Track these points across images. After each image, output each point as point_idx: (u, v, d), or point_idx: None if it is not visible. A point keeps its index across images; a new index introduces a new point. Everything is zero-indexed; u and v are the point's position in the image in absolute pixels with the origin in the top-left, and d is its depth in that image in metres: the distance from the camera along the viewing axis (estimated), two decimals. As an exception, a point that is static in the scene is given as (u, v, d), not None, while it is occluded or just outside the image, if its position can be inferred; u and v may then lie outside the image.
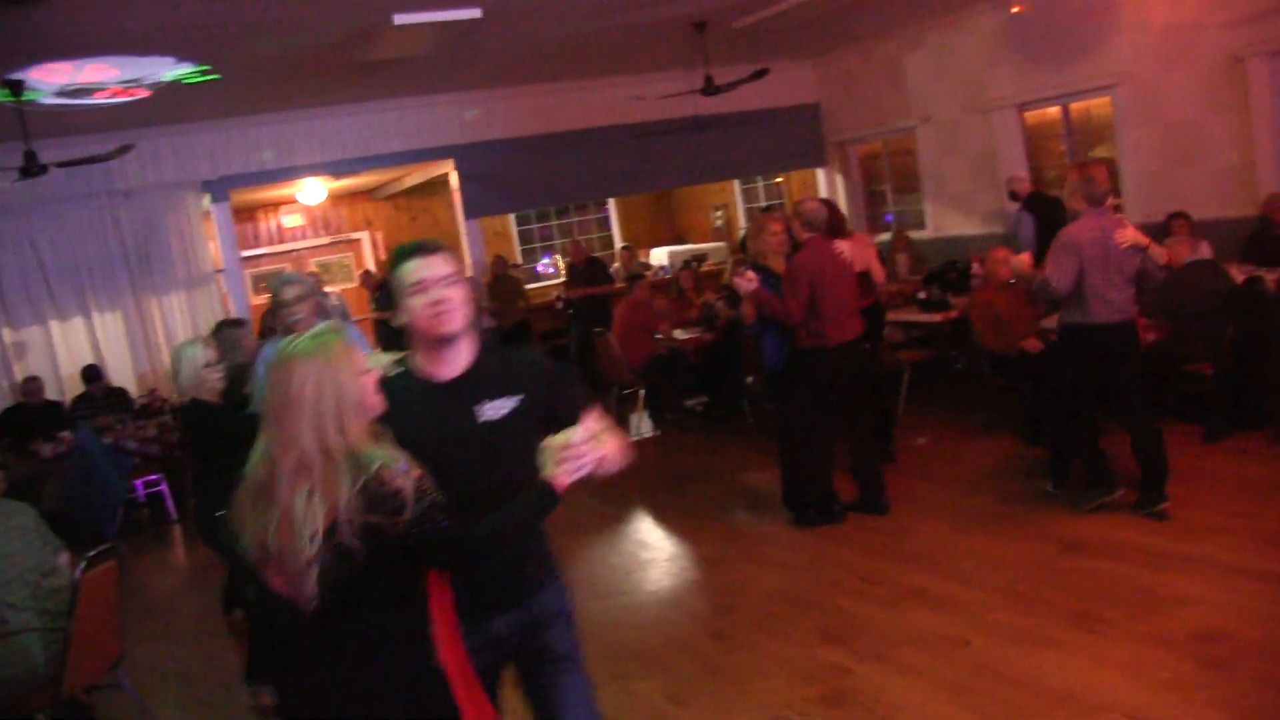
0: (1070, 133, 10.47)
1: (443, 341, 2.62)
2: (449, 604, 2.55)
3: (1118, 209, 9.56)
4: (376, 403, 2.37)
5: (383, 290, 11.77)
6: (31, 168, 7.85)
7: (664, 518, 7.14)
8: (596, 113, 11.86)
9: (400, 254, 2.63)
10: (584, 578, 6.11)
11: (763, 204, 15.29)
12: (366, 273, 12.62)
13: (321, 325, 2.54)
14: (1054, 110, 10.54)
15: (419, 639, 2.41)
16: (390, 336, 11.72)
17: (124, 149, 8.33)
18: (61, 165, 8.13)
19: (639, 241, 15.15)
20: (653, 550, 6.56)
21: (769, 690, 4.41)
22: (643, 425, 9.48)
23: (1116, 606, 4.62)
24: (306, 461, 2.24)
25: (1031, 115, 10.75)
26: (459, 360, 2.67)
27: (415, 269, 2.57)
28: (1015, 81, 10.53)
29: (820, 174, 13.71)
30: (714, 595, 5.66)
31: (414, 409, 2.55)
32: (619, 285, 11.62)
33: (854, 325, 6.30)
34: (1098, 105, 10.12)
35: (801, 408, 6.34)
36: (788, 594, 5.44)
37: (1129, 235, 5.51)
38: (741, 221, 14.21)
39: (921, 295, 8.78)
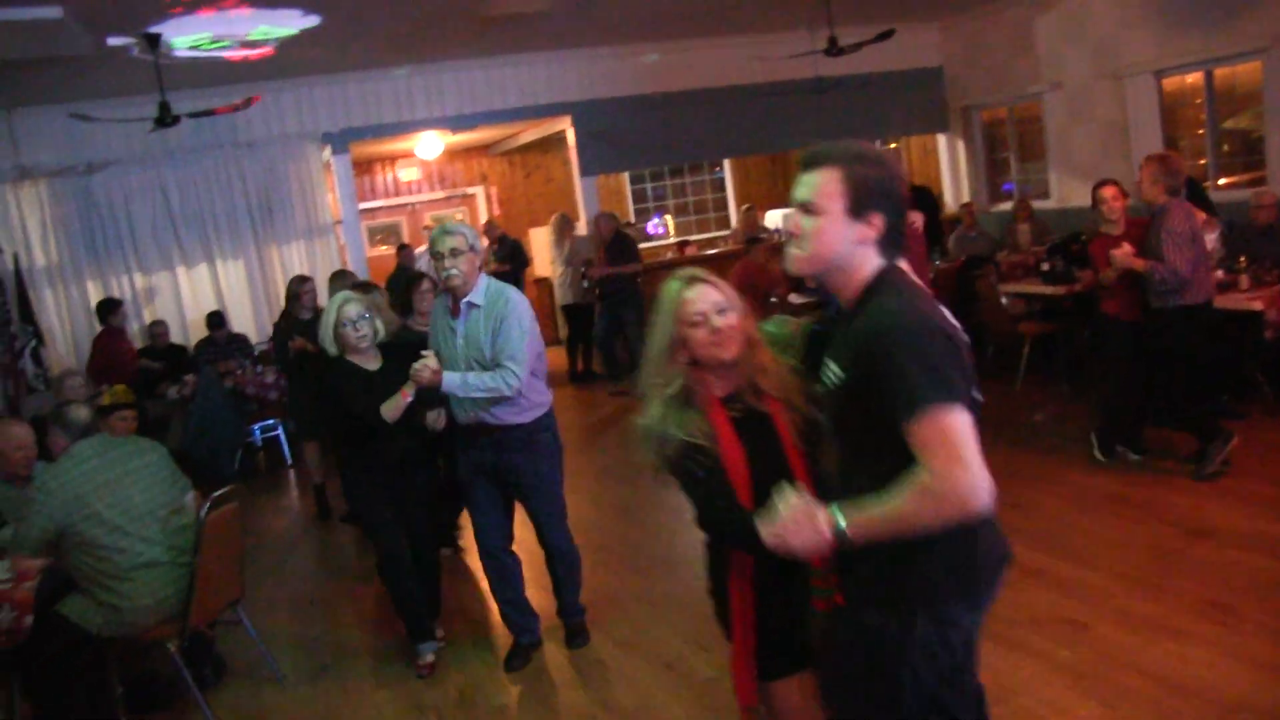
0: (1212, 100, 10.03)
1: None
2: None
3: (1262, 181, 9.21)
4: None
5: (503, 243, 11.85)
6: (165, 118, 8.06)
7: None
8: (716, 72, 11.73)
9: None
10: (696, 538, 6.06)
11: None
12: (490, 223, 12.61)
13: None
14: (1193, 77, 10.10)
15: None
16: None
17: (250, 100, 8.49)
18: (192, 116, 8.34)
19: (754, 202, 15.00)
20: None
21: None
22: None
23: (1249, 598, 4.43)
24: None
25: (1169, 82, 10.31)
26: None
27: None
28: (1154, 46, 10.10)
29: (941, 140, 13.43)
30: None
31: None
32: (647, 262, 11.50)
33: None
34: (1244, 71, 9.67)
35: None
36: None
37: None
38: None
39: (1045, 267, 8.53)
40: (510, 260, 11.63)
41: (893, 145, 14.87)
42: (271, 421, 9.33)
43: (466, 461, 4.67)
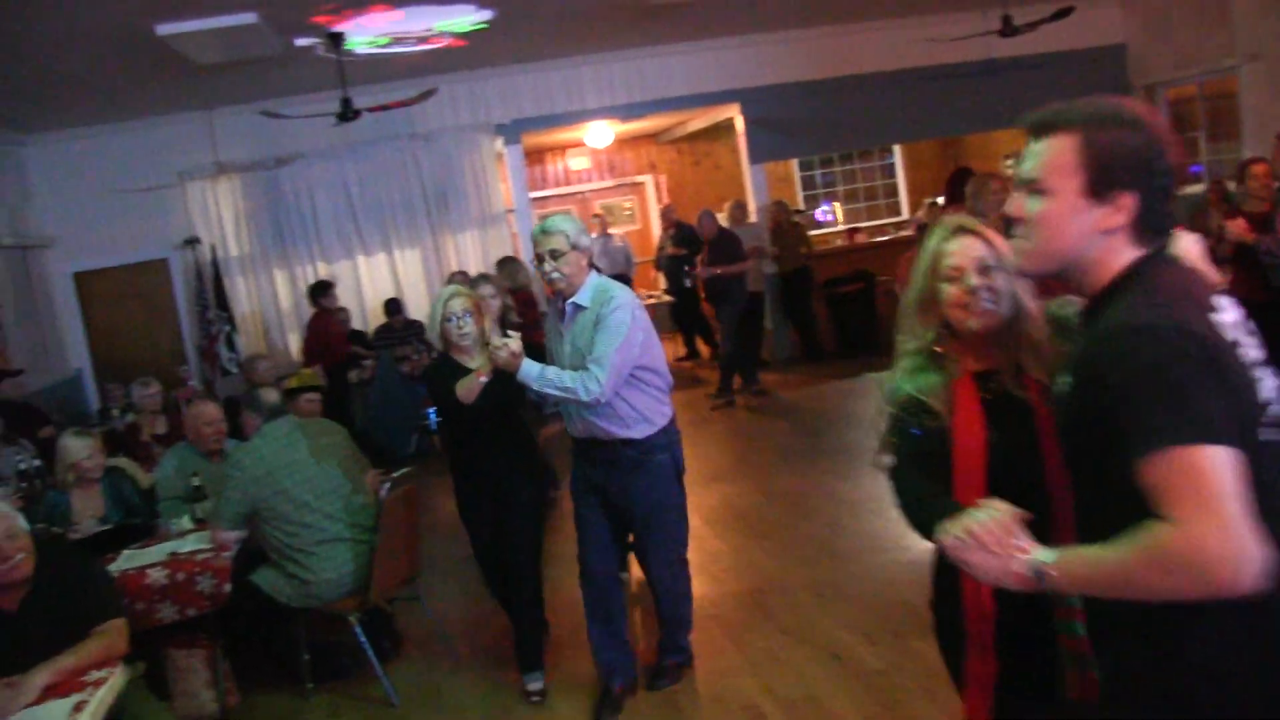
0: None
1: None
2: None
3: None
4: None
5: (680, 229, 11.95)
6: (347, 113, 8.40)
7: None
8: (885, 56, 11.52)
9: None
10: (865, 529, 6.09)
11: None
12: (668, 207, 12.67)
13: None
14: None
15: None
16: (675, 270, 11.95)
17: (428, 93, 8.77)
18: (372, 110, 8.66)
19: (924, 189, 14.73)
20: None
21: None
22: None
23: None
24: None
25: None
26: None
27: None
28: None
29: (1123, 120, 12.78)
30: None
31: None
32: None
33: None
34: None
35: None
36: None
37: None
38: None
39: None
40: (688, 245, 11.75)
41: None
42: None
43: (578, 476, 4.34)
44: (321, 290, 9.92)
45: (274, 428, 4.81)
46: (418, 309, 10.69)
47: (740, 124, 11.76)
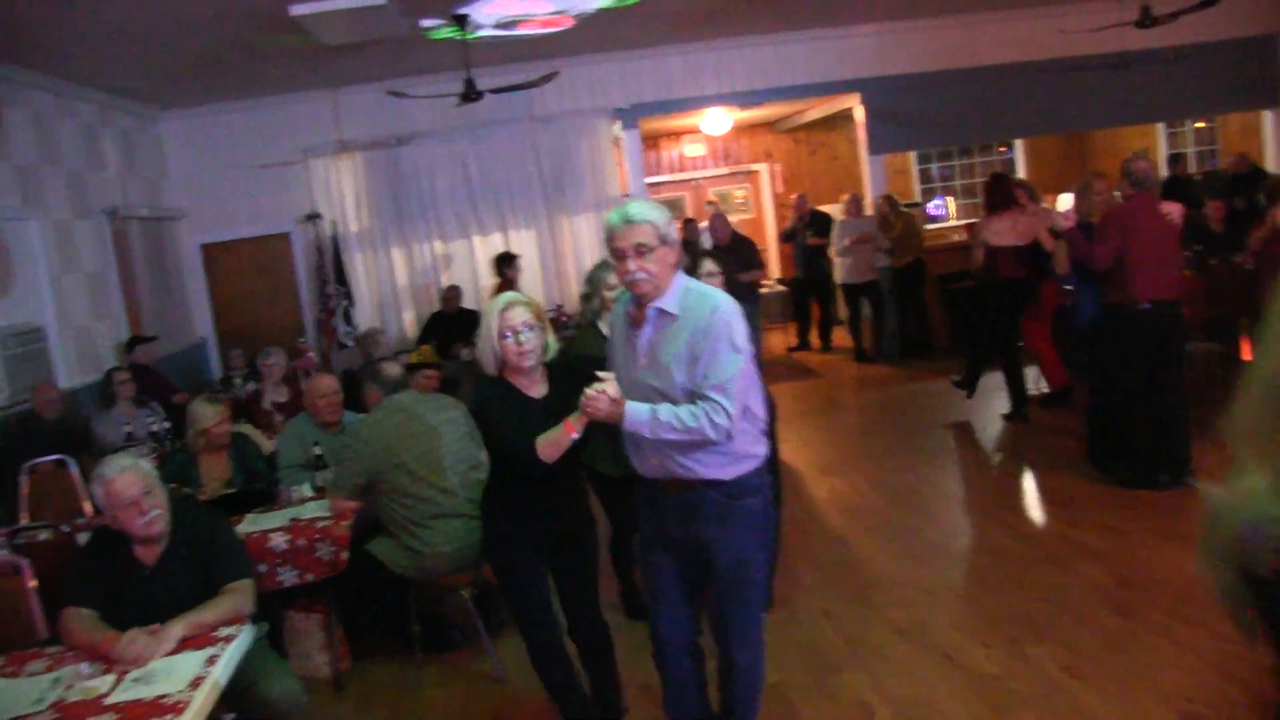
0: None
1: None
2: None
3: None
4: None
5: (815, 217, 11.91)
6: (470, 94, 8.50)
7: (1068, 480, 6.69)
8: (1012, 47, 11.26)
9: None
10: (983, 531, 5.99)
11: (1192, 148, 14.10)
12: (801, 196, 12.57)
13: None
14: None
15: None
16: (813, 260, 11.88)
17: (550, 76, 8.83)
18: (495, 91, 8.75)
19: (1045, 187, 14.37)
20: (1057, 513, 6.20)
21: (1178, 680, 4.04)
22: (1041, 380, 9.03)
23: None
24: None
25: None
26: None
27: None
28: None
29: (1268, 117, 12.28)
30: (1116, 566, 5.27)
31: None
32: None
33: (1168, 285, 6.10)
34: None
35: (1114, 365, 6.27)
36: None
37: None
38: (1164, 168, 13.14)
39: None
40: (823, 234, 11.72)
41: (1200, 124, 13.93)
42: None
43: (646, 526, 3.53)
44: (508, 261, 10.09)
45: (394, 402, 4.91)
46: (531, 290, 10.81)
47: (860, 114, 11.62)
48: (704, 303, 3.21)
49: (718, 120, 13.54)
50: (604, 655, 4.08)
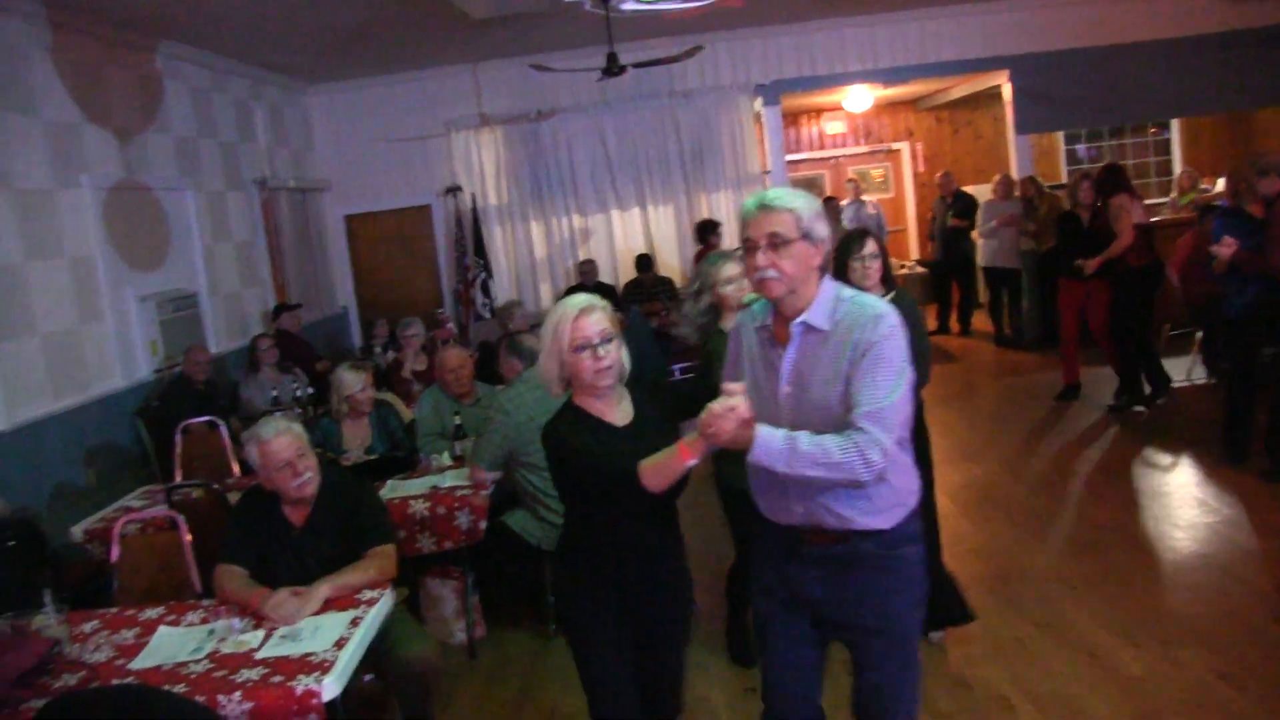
0: None
1: None
2: None
3: None
4: None
5: (959, 197, 11.65)
6: (612, 68, 8.46)
7: (1220, 475, 6.41)
8: (1170, 21, 10.73)
9: None
10: (1132, 526, 5.76)
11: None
12: (946, 174, 12.28)
13: None
14: None
15: None
16: (954, 242, 11.62)
17: (694, 50, 8.74)
18: (637, 66, 8.70)
19: (1202, 170, 13.75)
20: (1208, 510, 5.90)
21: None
22: (1194, 370, 8.66)
23: None
24: None
25: None
26: None
27: None
28: None
29: None
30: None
31: None
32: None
33: None
34: None
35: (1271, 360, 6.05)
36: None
37: None
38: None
39: None
40: (966, 216, 11.44)
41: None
42: (689, 364, 9.66)
43: (770, 579, 2.91)
44: (711, 228, 10.17)
45: (534, 374, 4.90)
46: (668, 265, 10.79)
47: (1007, 92, 11.25)
48: (862, 314, 2.63)
49: (859, 97, 13.29)
50: None
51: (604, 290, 10.38)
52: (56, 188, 6.53)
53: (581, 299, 2.95)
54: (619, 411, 3.02)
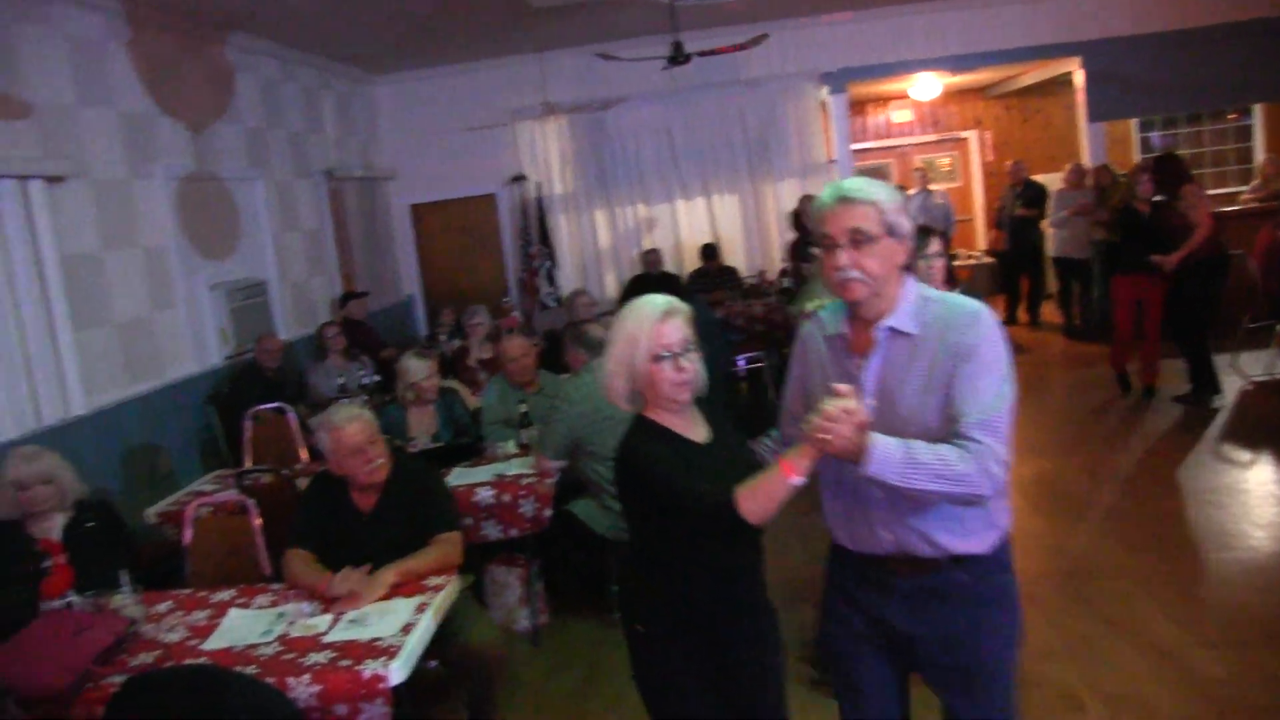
0: None
1: None
2: None
3: None
4: None
5: (1029, 186, 11.47)
6: (677, 57, 8.45)
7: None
8: (1252, 2, 10.41)
9: None
10: (1203, 522, 5.65)
11: None
12: (1018, 163, 12.08)
13: None
14: None
15: None
16: (1023, 232, 11.45)
17: (759, 39, 8.69)
18: (702, 55, 8.68)
19: (1282, 155, 13.40)
20: (1285, 503, 5.77)
21: None
22: (1277, 365, 8.44)
23: None
24: None
25: None
26: None
27: None
28: None
29: None
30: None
31: None
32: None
33: None
34: None
35: None
36: None
37: None
38: None
39: None
40: (1037, 205, 11.27)
41: None
42: (755, 353, 9.62)
43: (847, 615, 2.64)
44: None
45: (600, 364, 4.91)
46: (733, 255, 10.76)
47: (1079, 79, 11.04)
48: (954, 315, 2.41)
49: (927, 85, 13.12)
50: None
51: (669, 279, 10.36)
52: (132, 178, 6.65)
53: (661, 301, 2.62)
54: (698, 428, 2.72)
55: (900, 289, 2.46)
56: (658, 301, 2.63)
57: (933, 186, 13.09)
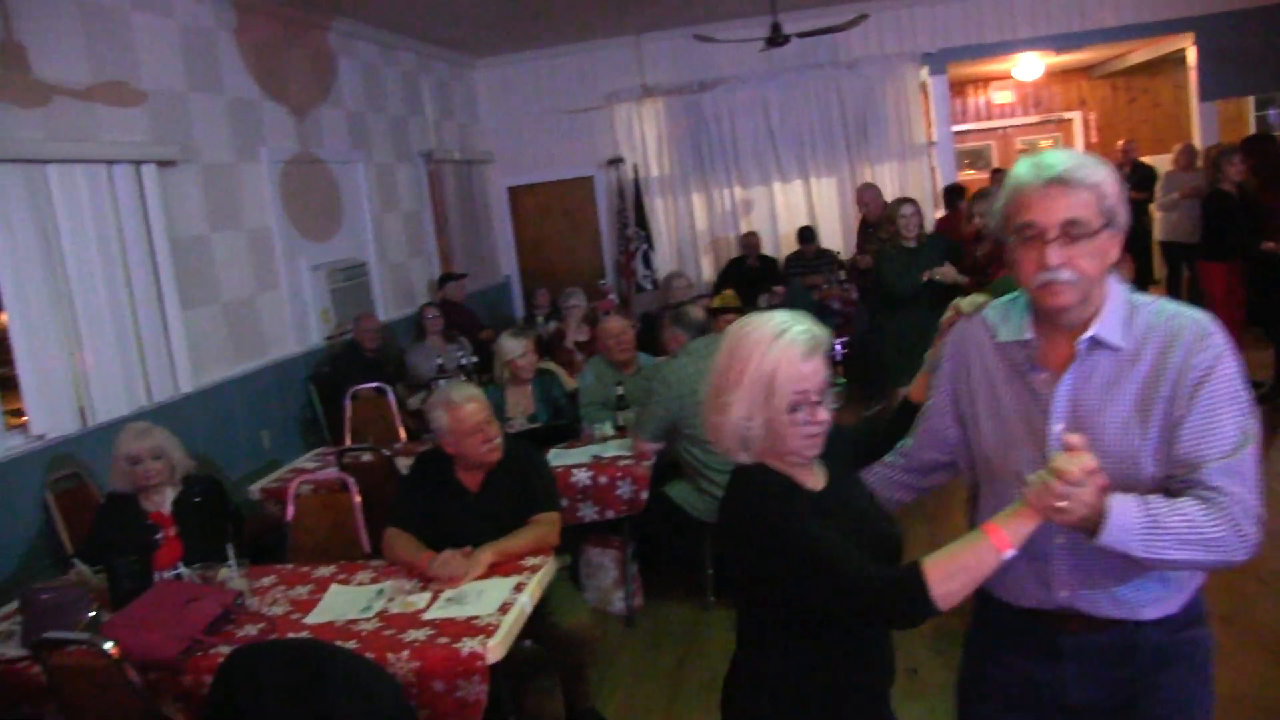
0: None
1: None
2: None
3: None
4: None
5: (1137, 169, 11.12)
6: (776, 38, 8.35)
7: None
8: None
9: None
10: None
11: None
12: (1129, 143, 11.70)
13: None
14: None
15: None
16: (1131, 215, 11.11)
17: (859, 19, 8.56)
18: (801, 36, 8.57)
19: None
20: None
21: None
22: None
23: None
24: None
25: None
26: None
27: None
28: None
29: None
30: None
31: None
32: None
33: None
34: None
35: None
36: None
37: None
38: None
39: None
40: (1144, 188, 10.93)
41: None
42: (848, 338, 9.50)
43: (998, 680, 2.17)
44: (959, 193, 10.02)
45: (698, 346, 4.90)
46: (830, 238, 10.63)
47: (1191, 56, 10.66)
48: (1175, 328, 1.92)
49: (1029, 65, 12.81)
50: None
51: (766, 264, 10.29)
52: (238, 161, 6.79)
53: (802, 333, 1.95)
54: (817, 475, 2.09)
55: (1106, 290, 1.98)
56: (797, 333, 1.95)
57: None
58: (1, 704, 2.92)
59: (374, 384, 6.61)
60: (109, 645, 2.88)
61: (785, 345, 1.93)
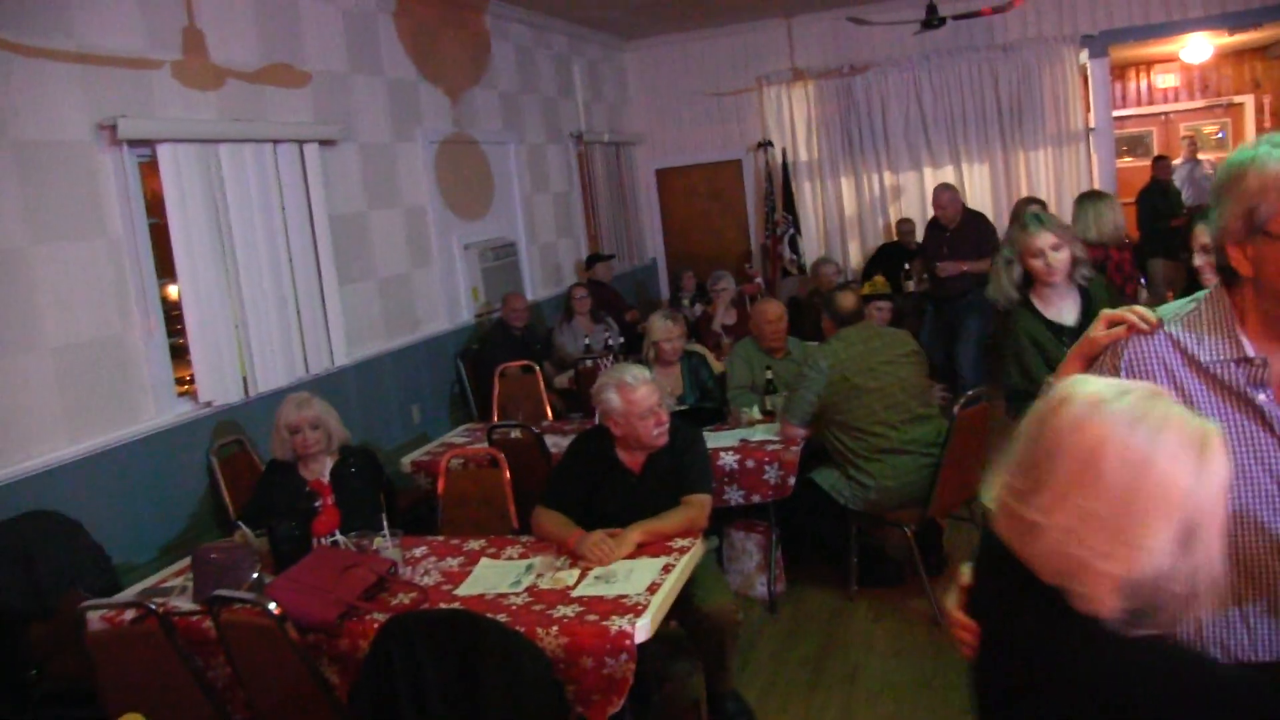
0: None
1: None
2: None
3: None
4: None
5: None
6: (932, 21, 8.18)
7: None
8: None
9: None
10: None
11: None
12: None
13: None
14: None
15: None
16: None
17: (1015, 2, 8.31)
18: (958, 18, 8.37)
19: None
20: None
21: None
22: None
23: None
24: None
25: None
26: None
27: None
28: None
29: None
30: None
31: None
32: None
33: None
34: None
35: None
36: None
37: None
38: None
39: None
40: None
41: None
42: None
43: None
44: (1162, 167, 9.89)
45: (850, 333, 4.83)
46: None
47: (1384, 35, 10.04)
48: None
49: (1198, 46, 12.21)
50: None
51: (922, 249, 10.06)
52: (395, 141, 6.95)
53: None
54: None
55: None
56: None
57: (1201, 156, 12.23)
58: (176, 653, 3.05)
59: (522, 362, 6.69)
60: (273, 606, 2.98)
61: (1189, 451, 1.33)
